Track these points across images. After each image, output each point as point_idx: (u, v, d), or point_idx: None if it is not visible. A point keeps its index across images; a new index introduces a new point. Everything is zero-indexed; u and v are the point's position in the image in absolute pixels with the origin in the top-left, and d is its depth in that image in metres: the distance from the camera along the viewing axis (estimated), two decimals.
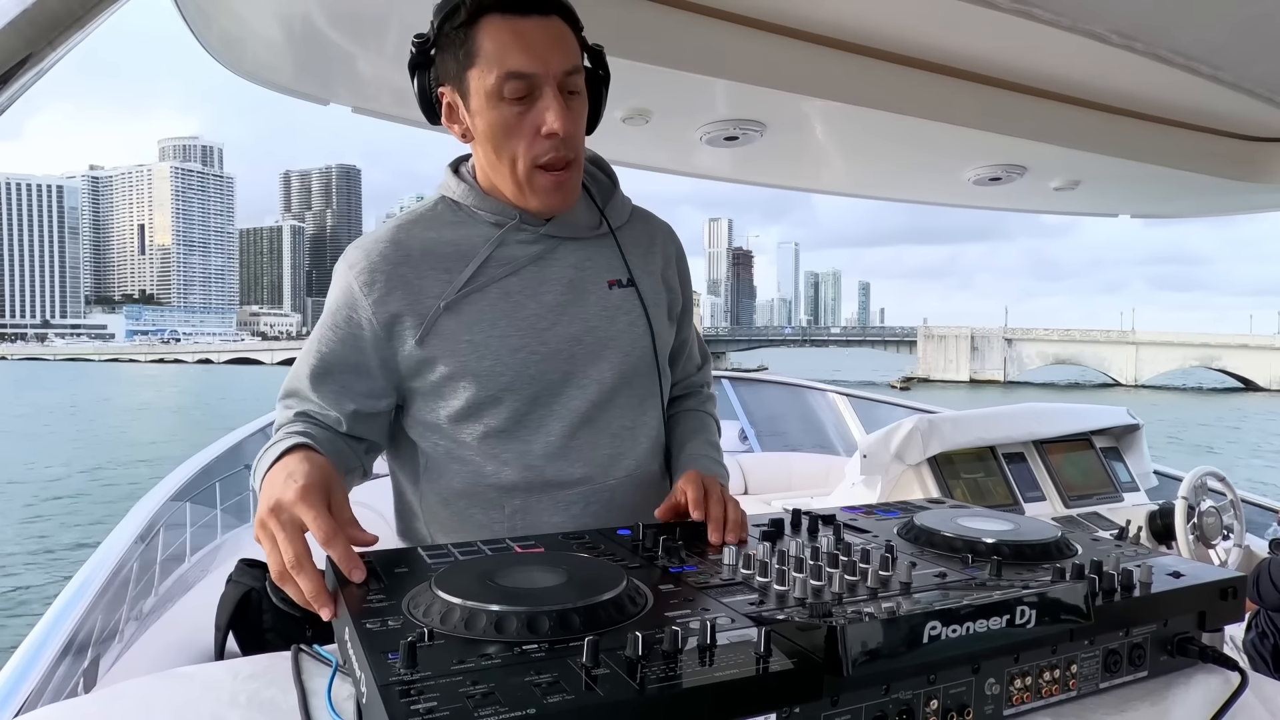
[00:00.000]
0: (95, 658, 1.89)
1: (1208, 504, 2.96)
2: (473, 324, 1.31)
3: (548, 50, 1.20)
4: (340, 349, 1.31)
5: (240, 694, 0.86)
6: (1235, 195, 3.16)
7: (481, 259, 1.31)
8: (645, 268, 1.44)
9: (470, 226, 1.34)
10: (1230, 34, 1.82)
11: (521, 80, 1.20)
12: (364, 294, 1.29)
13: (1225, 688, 0.97)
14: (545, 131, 1.22)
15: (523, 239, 1.34)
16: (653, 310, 1.41)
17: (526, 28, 1.20)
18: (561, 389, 1.35)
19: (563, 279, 1.35)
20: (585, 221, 1.40)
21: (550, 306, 1.34)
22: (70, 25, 0.85)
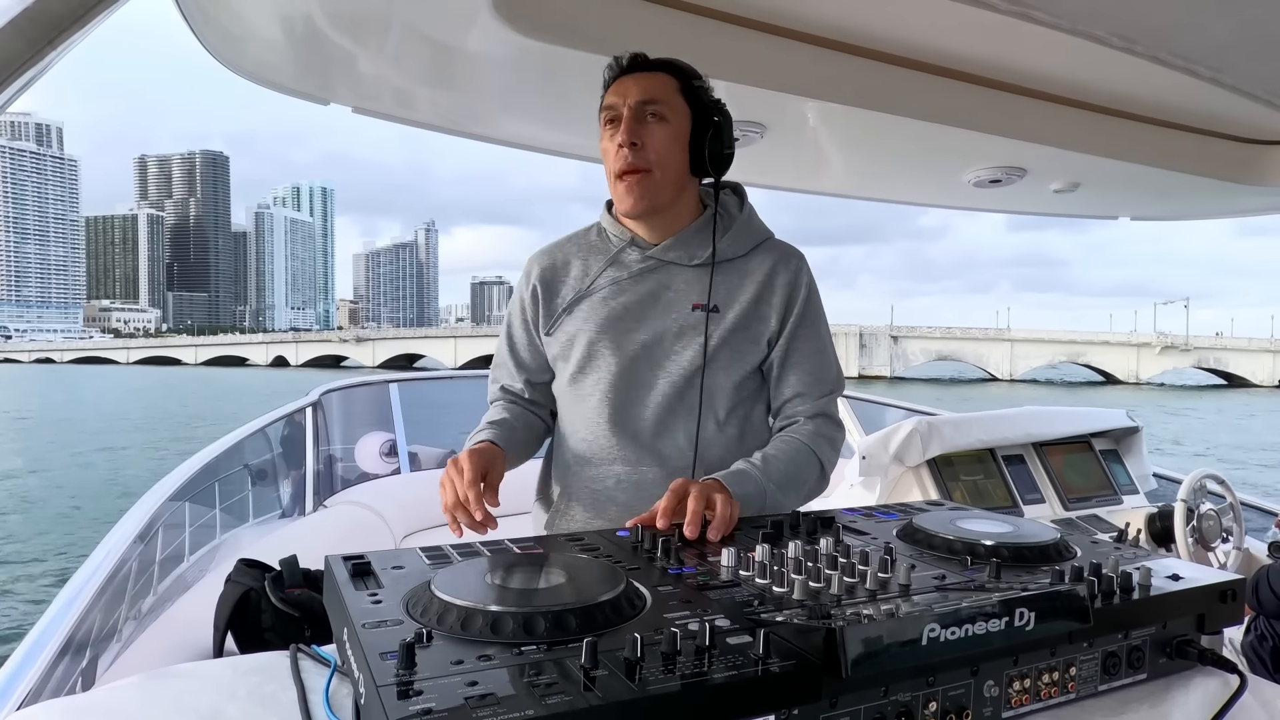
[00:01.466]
0: (94, 657, 1.89)
1: (1207, 507, 2.96)
2: (583, 318, 1.63)
3: (630, 88, 1.55)
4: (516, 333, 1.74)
5: (240, 688, 0.86)
6: (1235, 198, 3.16)
7: (598, 271, 1.64)
8: (738, 294, 1.61)
9: (599, 245, 1.68)
10: (1231, 37, 1.82)
11: (610, 112, 1.56)
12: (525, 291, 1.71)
13: (1224, 690, 0.97)
14: (618, 144, 1.54)
15: (633, 258, 1.63)
16: (724, 334, 1.59)
17: (624, 79, 1.57)
18: (633, 388, 1.61)
19: (648, 292, 1.62)
20: (694, 252, 1.62)
21: (629, 312, 1.61)
22: (71, 25, 0.85)
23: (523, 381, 1.74)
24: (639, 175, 1.54)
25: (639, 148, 1.53)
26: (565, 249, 1.71)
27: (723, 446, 1.62)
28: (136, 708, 0.84)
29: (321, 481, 3.68)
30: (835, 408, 1.68)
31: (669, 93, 1.55)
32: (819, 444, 1.60)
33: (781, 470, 1.52)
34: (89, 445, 24.22)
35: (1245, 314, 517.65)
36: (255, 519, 3.43)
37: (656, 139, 1.54)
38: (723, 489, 1.33)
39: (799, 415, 1.63)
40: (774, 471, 1.51)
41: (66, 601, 1.83)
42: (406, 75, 2.33)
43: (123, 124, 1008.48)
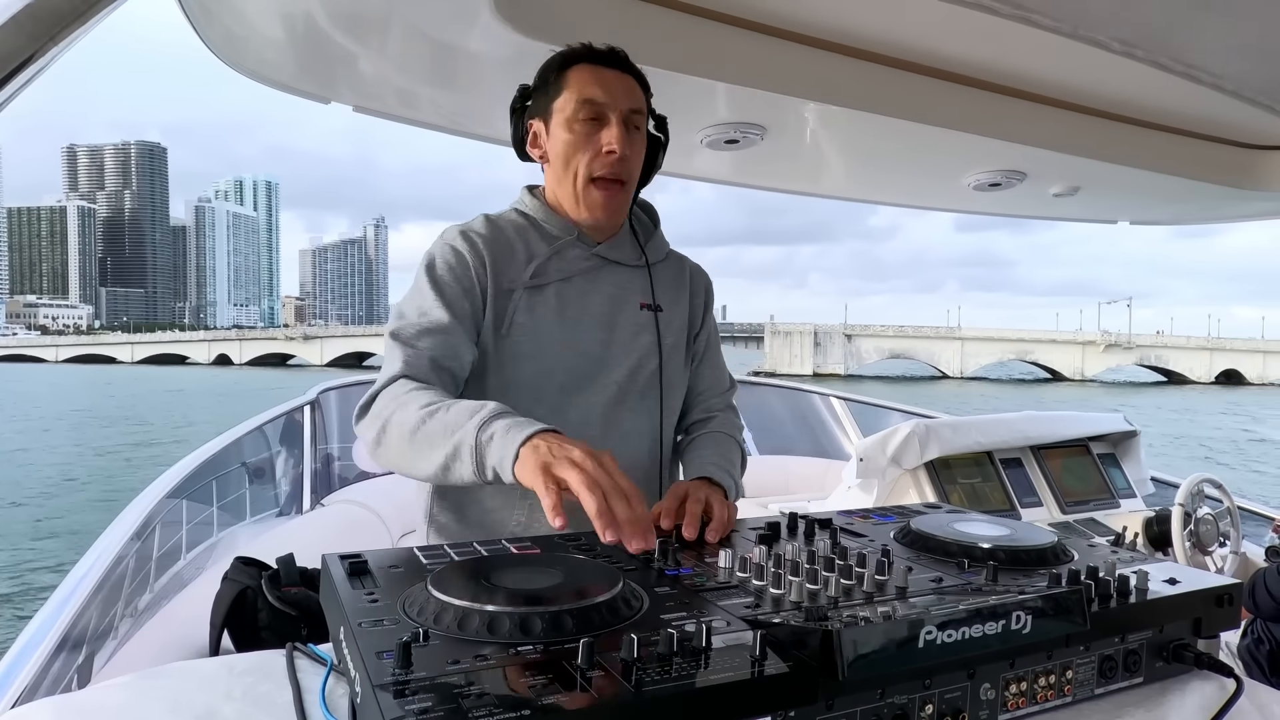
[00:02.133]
0: (90, 654, 1.89)
1: (1204, 511, 2.96)
2: (530, 314, 1.52)
3: (618, 91, 1.48)
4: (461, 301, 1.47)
5: (235, 688, 0.86)
6: (1234, 203, 3.16)
7: (544, 258, 1.54)
8: (673, 298, 1.69)
9: (534, 233, 1.58)
10: (1231, 42, 1.82)
11: (593, 106, 1.47)
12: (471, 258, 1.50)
13: (1221, 694, 0.97)
14: (606, 149, 1.47)
15: (577, 254, 1.58)
16: (670, 335, 1.64)
17: (606, 73, 1.49)
18: (586, 384, 1.55)
19: (606, 293, 1.60)
20: (628, 252, 1.64)
21: (591, 313, 1.57)
22: (73, 21, 0.85)
23: (465, 359, 1.46)
24: (619, 186, 1.52)
25: (626, 159, 1.49)
26: (496, 226, 1.56)
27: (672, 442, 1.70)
28: (132, 706, 0.84)
29: (319, 480, 3.68)
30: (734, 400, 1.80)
31: (643, 103, 1.54)
32: (738, 434, 1.71)
33: (735, 465, 1.61)
34: None
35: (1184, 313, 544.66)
36: (252, 517, 3.43)
37: (637, 153, 1.53)
38: (718, 491, 1.34)
39: (715, 410, 1.74)
40: (731, 466, 1.58)
41: (63, 598, 1.83)
42: (407, 75, 2.33)
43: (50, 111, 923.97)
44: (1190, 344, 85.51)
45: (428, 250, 1.54)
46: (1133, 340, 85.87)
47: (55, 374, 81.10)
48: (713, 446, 1.62)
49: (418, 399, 1.28)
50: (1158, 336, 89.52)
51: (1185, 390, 68.69)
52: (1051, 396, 55.29)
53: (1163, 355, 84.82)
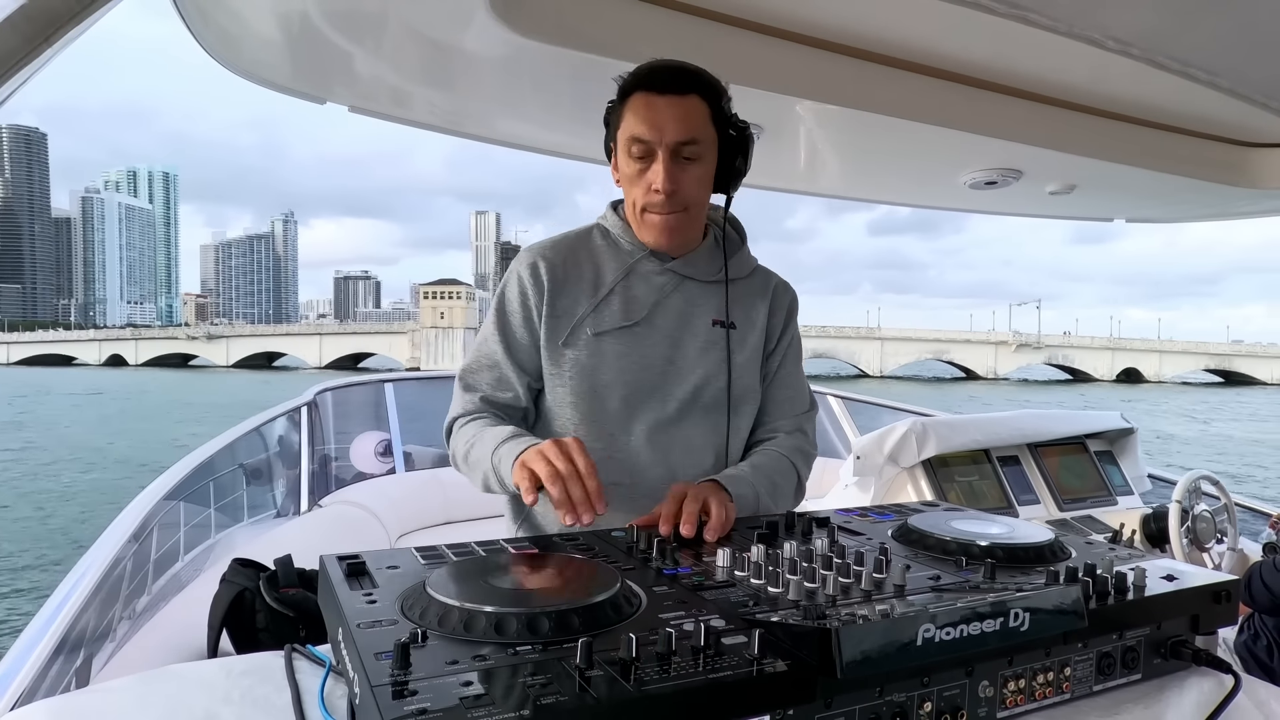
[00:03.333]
0: (88, 656, 1.88)
1: (1201, 508, 2.96)
2: (598, 323, 1.57)
3: (667, 124, 1.46)
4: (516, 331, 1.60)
5: (234, 691, 0.86)
6: (1229, 200, 3.17)
7: (616, 279, 1.59)
8: (750, 315, 1.67)
9: (612, 251, 1.62)
10: (1226, 40, 1.83)
11: (640, 144, 1.47)
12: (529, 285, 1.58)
13: (1219, 690, 0.97)
14: (653, 188, 1.48)
15: (651, 269, 1.60)
16: (742, 353, 1.63)
17: (658, 104, 1.46)
18: (649, 397, 1.58)
19: (676, 309, 1.61)
20: (708, 268, 1.64)
21: (657, 328, 1.59)
22: (68, 21, 0.85)
23: (523, 386, 1.61)
24: (674, 216, 1.53)
25: (675, 194, 1.50)
26: (570, 247, 1.63)
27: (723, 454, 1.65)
28: (131, 709, 0.84)
29: (316, 481, 3.67)
30: (812, 427, 1.76)
31: (703, 124, 1.50)
32: (798, 458, 1.67)
33: (768, 478, 1.56)
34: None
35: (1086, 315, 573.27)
36: (250, 518, 3.42)
37: (693, 180, 1.51)
38: (719, 492, 1.34)
39: (779, 431, 1.70)
40: (763, 479, 1.54)
41: (60, 600, 1.83)
42: (403, 75, 2.33)
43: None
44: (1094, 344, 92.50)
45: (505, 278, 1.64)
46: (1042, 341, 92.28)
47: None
48: (756, 457, 1.63)
49: (464, 435, 1.55)
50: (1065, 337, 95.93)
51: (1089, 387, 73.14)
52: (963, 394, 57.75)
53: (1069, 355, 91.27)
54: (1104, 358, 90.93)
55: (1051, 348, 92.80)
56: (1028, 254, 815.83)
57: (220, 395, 46.39)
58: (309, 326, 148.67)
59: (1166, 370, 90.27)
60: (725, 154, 1.56)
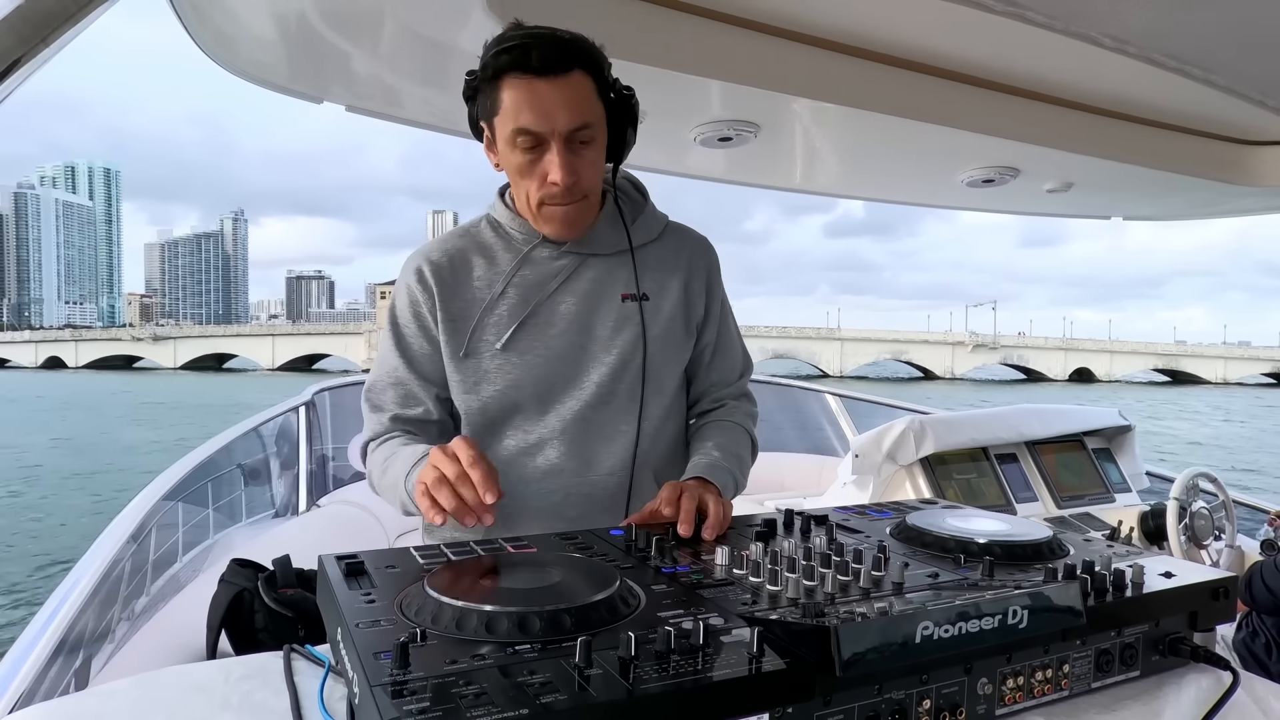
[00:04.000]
0: (87, 658, 1.88)
1: (1199, 505, 2.97)
2: (498, 325, 1.48)
3: (556, 110, 1.32)
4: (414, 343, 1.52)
5: (232, 696, 0.86)
6: (1225, 198, 3.17)
7: (510, 273, 1.49)
8: (665, 282, 1.56)
9: (504, 244, 1.52)
10: (1222, 38, 1.83)
11: (529, 135, 1.34)
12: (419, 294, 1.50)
13: (1217, 687, 0.97)
14: (550, 180, 1.36)
15: (548, 255, 1.50)
16: (661, 324, 1.54)
17: (540, 89, 1.31)
18: (564, 390, 1.50)
19: (580, 291, 1.51)
20: (610, 239, 1.53)
21: (563, 316, 1.49)
22: (64, 22, 0.84)
23: (430, 399, 1.52)
24: (574, 206, 1.42)
25: (574, 184, 1.37)
26: (457, 247, 1.52)
27: (670, 437, 1.61)
28: (129, 713, 0.84)
29: (314, 481, 3.67)
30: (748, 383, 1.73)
31: (591, 101, 1.36)
32: (748, 423, 1.65)
33: (735, 456, 1.55)
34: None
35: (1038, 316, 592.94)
36: (248, 519, 3.43)
37: (589, 166, 1.39)
38: (713, 489, 1.34)
39: (726, 398, 1.67)
40: (732, 459, 1.53)
41: (59, 602, 1.83)
42: (400, 74, 2.33)
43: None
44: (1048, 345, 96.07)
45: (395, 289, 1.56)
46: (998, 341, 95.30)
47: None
48: (716, 436, 1.58)
49: (377, 459, 1.48)
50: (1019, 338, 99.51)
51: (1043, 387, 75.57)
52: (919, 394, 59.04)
53: (1024, 355, 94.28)
54: (1057, 358, 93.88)
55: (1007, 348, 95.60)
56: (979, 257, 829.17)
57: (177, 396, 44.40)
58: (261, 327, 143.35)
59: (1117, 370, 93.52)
60: (614, 125, 1.43)
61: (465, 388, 1.50)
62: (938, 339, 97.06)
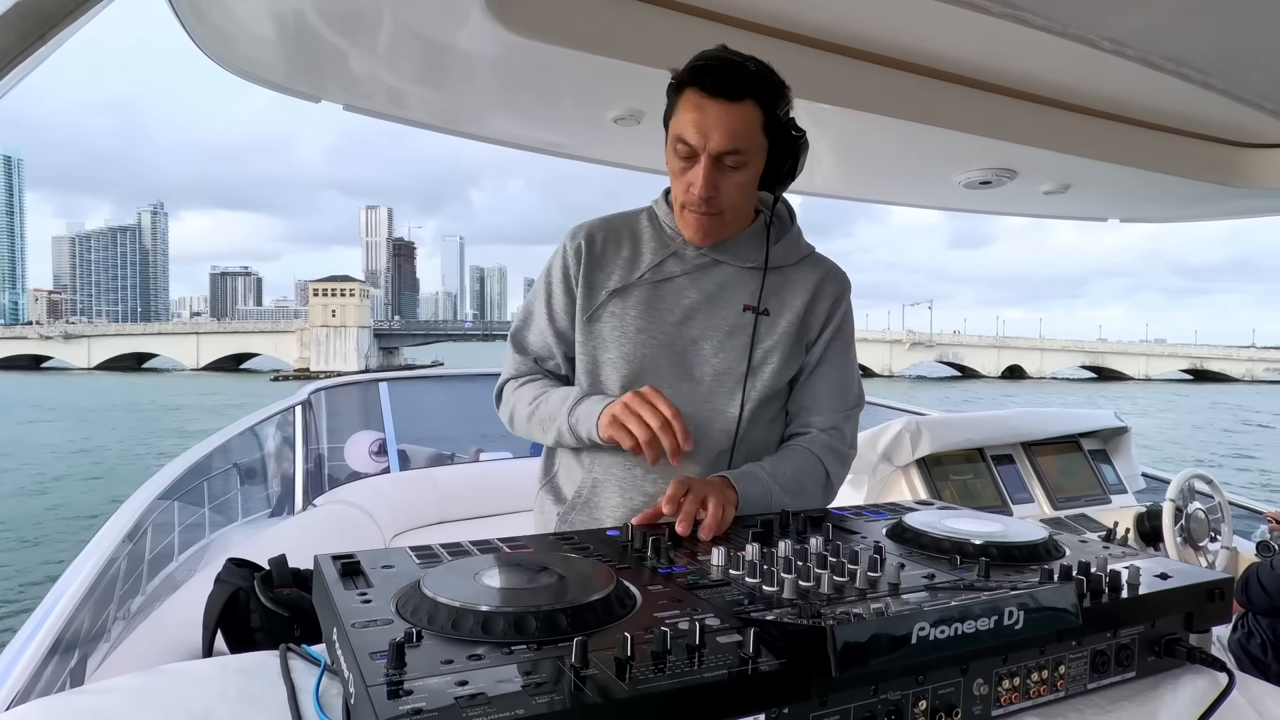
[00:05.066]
0: (83, 657, 1.88)
1: (1195, 506, 2.97)
2: (623, 304, 1.60)
3: (713, 130, 1.43)
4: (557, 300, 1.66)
5: (229, 688, 0.86)
6: (1222, 200, 3.18)
7: (652, 261, 1.61)
8: (789, 301, 1.63)
9: (655, 234, 1.64)
10: (1220, 41, 1.83)
11: (686, 145, 1.46)
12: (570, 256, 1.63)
13: (1213, 688, 0.97)
14: (690, 189, 1.48)
15: (691, 253, 1.61)
16: (767, 340, 1.60)
17: (707, 108, 1.43)
18: (670, 378, 1.58)
19: (705, 291, 1.60)
20: (749, 254, 1.62)
21: (683, 308, 1.60)
22: (62, 19, 0.84)
23: (561, 354, 1.68)
24: (711, 216, 1.52)
25: (713, 198, 1.48)
26: (616, 226, 1.67)
27: (759, 446, 1.63)
28: (126, 708, 0.83)
29: (311, 480, 3.67)
30: (852, 425, 1.69)
31: (752, 131, 1.45)
32: (828, 457, 1.62)
33: (789, 476, 1.54)
34: None
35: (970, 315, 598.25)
36: (244, 518, 3.42)
37: (733, 187, 1.49)
38: (720, 491, 1.34)
39: (813, 426, 1.65)
40: (781, 476, 1.52)
41: (55, 601, 1.82)
42: (398, 73, 2.33)
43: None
44: (981, 343, 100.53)
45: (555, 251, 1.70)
46: (933, 340, 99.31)
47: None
48: (780, 454, 1.61)
49: (525, 395, 1.66)
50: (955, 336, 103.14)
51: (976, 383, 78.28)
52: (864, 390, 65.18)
53: (959, 353, 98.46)
54: (990, 355, 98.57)
55: (942, 346, 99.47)
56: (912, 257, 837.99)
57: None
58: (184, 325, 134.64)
59: (1047, 367, 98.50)
60: (775, 157, 1.53)
61: (585, 349, 1.63)
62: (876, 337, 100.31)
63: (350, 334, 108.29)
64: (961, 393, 58.89)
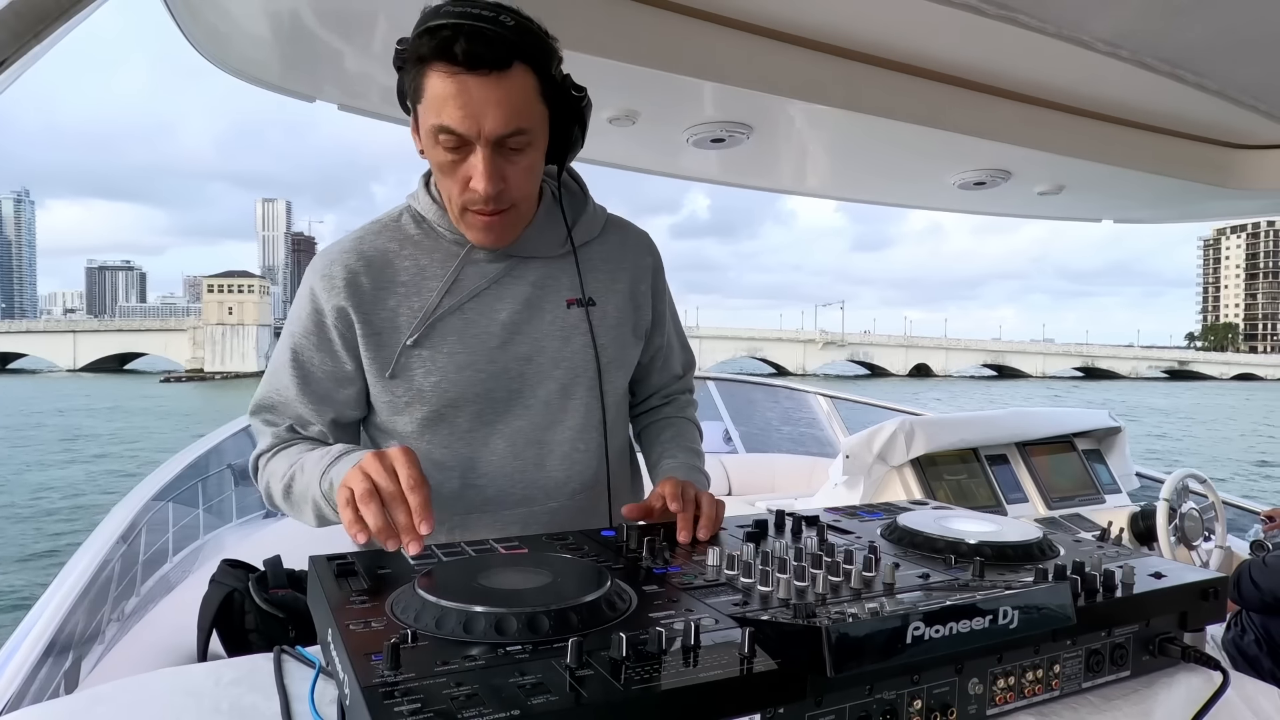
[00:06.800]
0: (77, 659, 1.88)
1: (1189, 506, 2.98)
2: (429, 342, 1.32)
3: (485, 111, 1.15)
4: (311, 357, 1.33)
5: (223, 700, 0.86)
6: (1215, 201, 3.19)
7: (448, 278, 1.32)
8: (611, 285, 1.44)
9: (432, 243, 1.35)
10: (1214, 42, 1.84)
11: (452, 135, 1.17)
12: (326, 302, 1.31)
13: (1207, 687, 0.97)
14: (472, 185, 1.21)
15: (483, 256, 1.34)
16: (609, 331, 1.42)
17: (469, 85, 1.14)
18: (507, 408, 1.36)
19: (520, 298, 1.36)
20: (551, 239, 1.39)
21: (503, 325, 1.34)
22: (56, 19, 0.84)
23: (326, 422, 1.34)
24: (503, 214, 1.26)
25: (502, 192, 1.22)
26: (376, 247, 1.33)
27: (623, 446, 1.53)
28: (119, 716, 0.83)
29: None
30: (692, 373, 1.69)
31: (529, 103, 1.19)
32: (694, 417, 1.63)
33: (699, 454, 1.56)
34: None
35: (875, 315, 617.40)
36: (239, 519, 3.41)
37: (521, 173, 1.24)
38: (706, 487, 1.34)
39: (674, 394, 1.64)
40: (700, 458, 1.54)
41: (49, 603, 1.82)
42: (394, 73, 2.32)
43: None
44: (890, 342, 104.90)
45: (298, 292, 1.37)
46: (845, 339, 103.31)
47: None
48: (677, 436, 1.55)
49: (278, 466, 1.30)
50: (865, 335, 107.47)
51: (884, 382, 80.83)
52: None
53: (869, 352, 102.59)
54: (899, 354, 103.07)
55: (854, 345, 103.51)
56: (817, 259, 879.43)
57: None
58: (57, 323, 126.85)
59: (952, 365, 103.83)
60: (559, 126, 1.27)
61: (395, 409, 1.35)
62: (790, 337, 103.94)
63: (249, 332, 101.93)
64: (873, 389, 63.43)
